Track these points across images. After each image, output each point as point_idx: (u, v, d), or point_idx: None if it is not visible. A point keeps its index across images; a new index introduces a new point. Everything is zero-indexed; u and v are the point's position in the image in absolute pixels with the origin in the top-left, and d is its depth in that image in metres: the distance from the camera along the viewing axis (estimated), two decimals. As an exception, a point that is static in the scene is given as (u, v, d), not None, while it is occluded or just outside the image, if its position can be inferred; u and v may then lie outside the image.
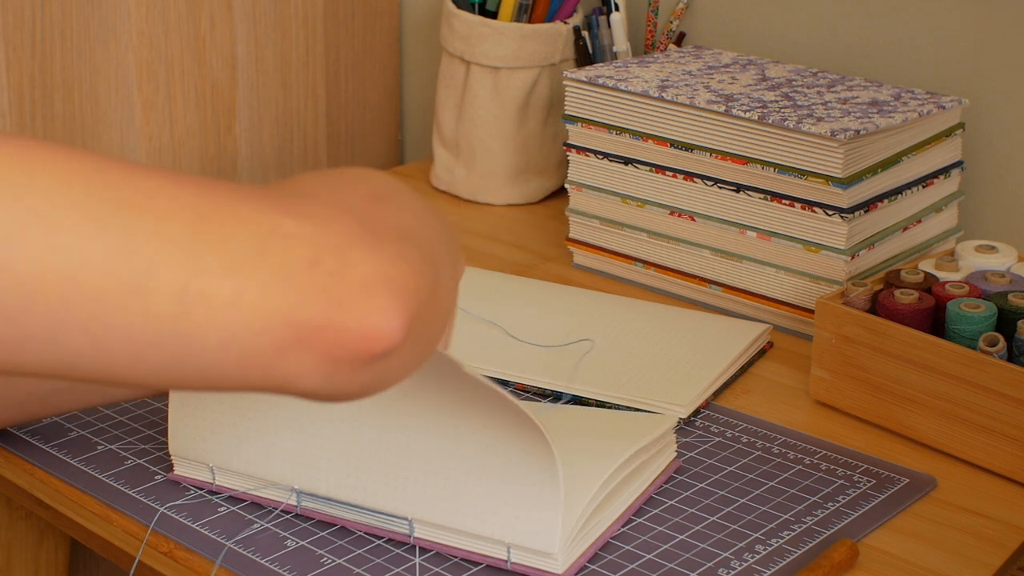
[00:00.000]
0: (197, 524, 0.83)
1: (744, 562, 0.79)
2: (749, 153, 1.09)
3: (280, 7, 1.40)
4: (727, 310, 1.14)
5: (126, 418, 0.95)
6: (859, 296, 0.97)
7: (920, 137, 1.11)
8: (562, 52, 1.36)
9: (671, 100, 1.12)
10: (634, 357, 1.01)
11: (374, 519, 0.80)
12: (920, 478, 0.88)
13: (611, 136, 1.18)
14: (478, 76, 1.35)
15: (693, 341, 1.03)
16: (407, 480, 0.78)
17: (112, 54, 1.28)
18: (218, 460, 0.84)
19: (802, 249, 1.08)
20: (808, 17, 1.28)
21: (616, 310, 1.09)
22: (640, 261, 1.19)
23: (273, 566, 0.78)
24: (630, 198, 1.18)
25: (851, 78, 1.19)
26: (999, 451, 0.89)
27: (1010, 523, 0.84)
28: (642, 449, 0.83)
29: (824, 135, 1.04)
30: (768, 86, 1.15)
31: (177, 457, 0.86)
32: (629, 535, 0.82)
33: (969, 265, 1.02)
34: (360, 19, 1.49)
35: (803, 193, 1.07)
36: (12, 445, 0.92)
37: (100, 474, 0.88)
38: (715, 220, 1.13)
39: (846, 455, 0.91)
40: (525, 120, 1.36)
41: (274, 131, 1.43)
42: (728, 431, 0.94)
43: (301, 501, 0.82)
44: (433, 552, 0.79)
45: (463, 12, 1.35)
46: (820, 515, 0.84)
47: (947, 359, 0.90)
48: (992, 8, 1.17)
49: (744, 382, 1.01)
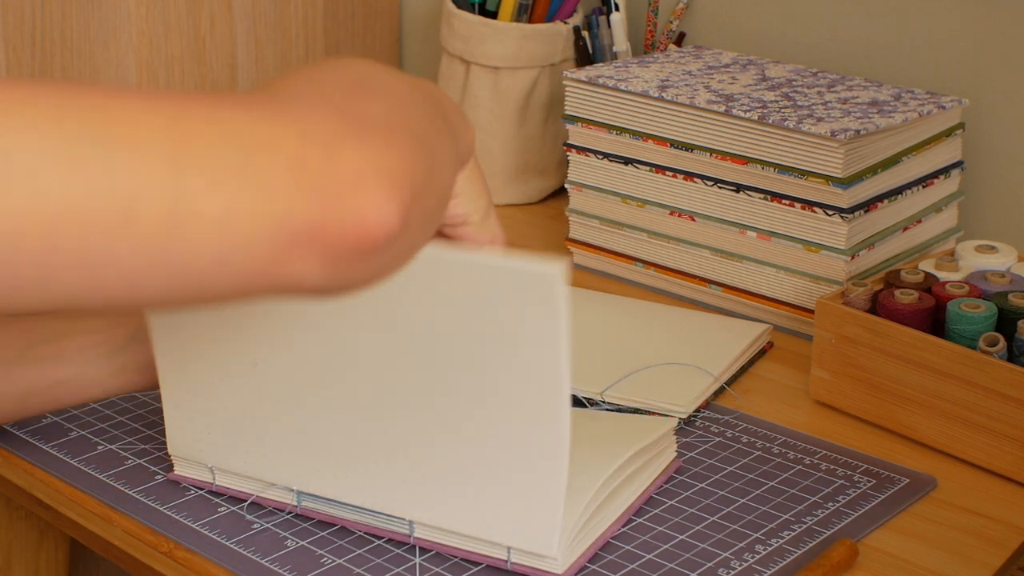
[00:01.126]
0: (197, 524, 0.83)
1: (744, 562, 0.79)
2: (749, 153, 1.09)
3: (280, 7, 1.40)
4: (727, 310, 1.14)
5: (126, 418, 0.95)
6: (859, 296, 0.97)
7: (920, 137, 1.11)
8: (562, 52, 1.36)
9: (671, 100, 1.12)
10: (634, 357, 1.01)
11: (374, 519, 0.80)
12: (920, 478, 0.88)
13: (611, 136, 1.18)
14: (478, 76, 1.35)
15: (693, 341, 1.03)
16: (407, 481, 0.78)
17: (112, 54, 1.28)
18: (217, 461, 0.84)
19: (802, 249, 1.08)
20: (808, 17, 1.28)
21: (616, 310, 1.09)
22: (640, 261, 1.19)
23: (273, 566, 0.78)
24: (630, 198, 1.18)
25: (851, 78, 1.19)
26: (999, 451, 0.89)
27: (1010, 523, 0.84)
28: (642, 451, 0.83)
29: (824, 135, 1.04)
30: (768, 86, 1.15)
31: (177, 457, 0.86)
32: (629, 535, 0.82)
33: (969, 265, 1.02)
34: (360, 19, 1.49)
35: (803, 193, 1.07)
36: (12, 445, 0.92)
37: (100, 474, 0.88)
38: (715, 220, 1.13)
39: (846, 455, 0.91)
40: (525, 120, 1.36)
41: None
42: (728, 431, 0.94)
43: (301, 501, 0.82)
44: (433, 552, 0.79)
45: (463, 12, 1.35)
46: (820, 515, 0.84)
47: (947, 359, 0.90)
48: (992, 8, 1.17)
49: (744, 382, 1.01)
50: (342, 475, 0.80)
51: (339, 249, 0.55)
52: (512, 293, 0.70)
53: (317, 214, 0.54)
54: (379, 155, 0.56)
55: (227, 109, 0.55)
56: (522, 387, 0.72)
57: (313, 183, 0.54)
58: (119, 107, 0.53)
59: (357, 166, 0.55)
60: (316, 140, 0.55)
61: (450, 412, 0.76)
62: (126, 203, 0.51)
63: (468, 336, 0.73)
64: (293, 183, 0.54)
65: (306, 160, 0.54)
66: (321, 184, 0.54)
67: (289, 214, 0.53)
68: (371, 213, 0.55)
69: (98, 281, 0.52)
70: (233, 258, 0.53)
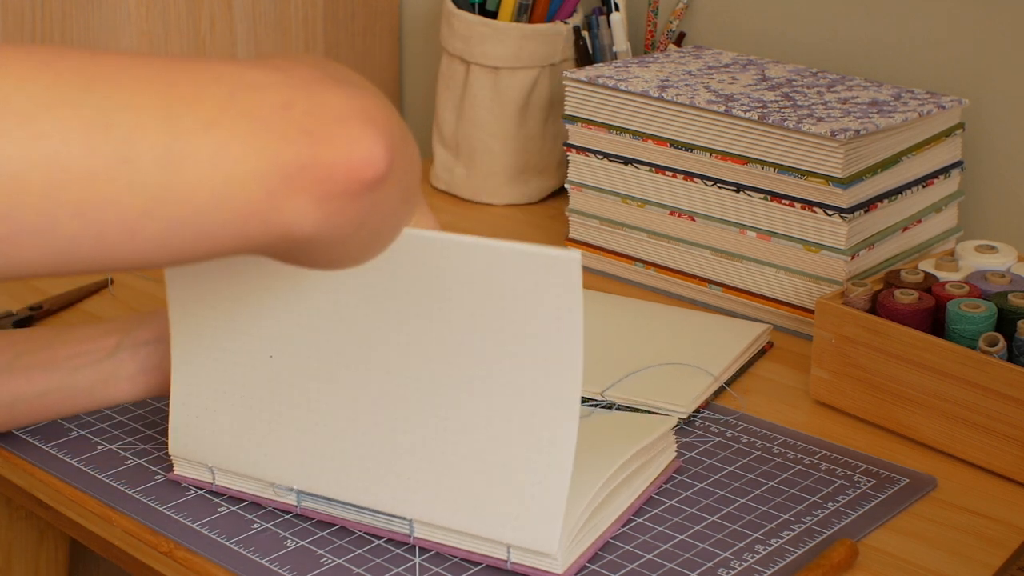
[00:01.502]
0: (197, 524, 0.83)
1: (744, 562, 0.79)
2: (749, 153, 1.09)
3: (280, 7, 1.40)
4: (727, 310, 1.14)
5: (126, 418, 0.95)
6: (859, 296, 0.97)
7: (920, 137, 1.11)
8: (562, 52, 1.36)
9: (671, 100, 1.12)
10: (634, 357, 1.01)
11: (374, 519, 0.80)
12: (920, 478, 0.88)
13: (611, 136, 1.18)
14: (478, 76, 1.35)
15: (693, 341, 1.03)
16: (408, 479, 0.78)
17: (112, 54, 1.28)
18: (218, 461, 0.84)
19: (802, 249, 1.08)
20: (808, 17, 1.28)
21: (616, 310, 1.09)
22: (640, 261, 1.19)
23: (273, 566, 0.78)
24: (630, 198, 1.18)
25: (851, 78, 1.19)
26: (999, 451, 0.89)
27: (1010, 523, 0.84)
28: (642, 450, 0.83)
29: (824, 135, 1.04)
30: (768, 86, 1.15)
31: (177, 457, 0.86)
32: (629, 535, 0.82)
33: (969, 265, 1.02)
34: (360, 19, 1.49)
35: (803, 193, 1.07)
36: (12, 445, 0.92)
37: (100, 474, 0.88)
38: (715, 220, 1.13)
39: (846, 455, 0.91)
40: (525, 120, 1.36)
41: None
42: (728, 431, 0.94)
43: (301, 501, 0.82)
44: (433, 552, 0.79)
45: (463, 12, 1.35)
46: (820, 515, 0.84)
47: (947, 359, 0.90)
48: (992, 8, 1.17)
49: (744, 382, 1.01)
50: (345, 471, 0.80)
51: (331, 187, 0.56)
52: (530, 278, 0.71)
53: (307, 152, 0.56)
54: (361, 99, 0.58)
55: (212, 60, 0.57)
56: (536, 374, 0.73)
57: (301, 123, 0.56)
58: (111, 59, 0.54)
59: (341, 107, 0.57)
60: (299, 84, 0.57)
61: (461, 405, 0.76)
62: (122, 143, 0.52)
63: (483, 325, 0.74)
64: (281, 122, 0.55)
65: (292, 101, 0.56)
66: (308, 124, 0.56)
67: (280, 153, 0.55)
68: (360, 150, 0.57)
69: (97, 228, 0.53)
70: (228, 198, 0.54)
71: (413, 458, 0.78)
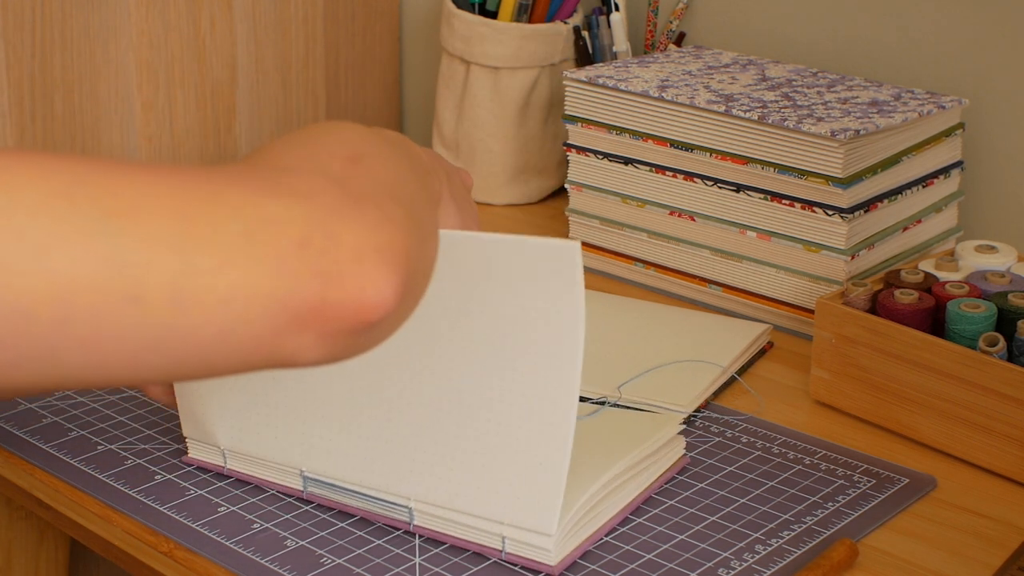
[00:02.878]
0: (197, 524, 0.83)
1: (744, 562, 0.79)
2: (749, 153, 1.09)
3: (280, 7, 1.40)
4: (727, 310, 1.14)
5: (126, 418, 0.95)
6: (859, 296, 0.97)
7: (920, 137, 1.11)
8: (562, 52, 1.36)
9: (671, 100, 1.12)
10: (634, 357, 1.01)
11: (376, 506, 0.81)
12: (920, 478, 0.88)
13: (611, 136, 1.18)
14: (478, 76, 1.35)
15: (693, 341, 1.03)
16: (411, 462, 0.79)
17: (112, 54, 1.28)
18: (229, 443, 0.85)
19: (802, 249, 1.08)
20: (808, 17, 1.28)
21: (616, 310, 1.09)
22: (640, 261, 1.19)
23: (273, 566, 0.79)
24: (630, 198, 1.18)
25: (851, 78, 1.19)
26: (999, 451, 0.89)
27: (1010, 523, 0.84)
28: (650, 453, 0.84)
29: (824, 135, 1.04)
30: (768, 86, 1.15)
31: (191, 440, 0.87)
32: (629, 535, 0.82)
33: (969, 265, 1.02)
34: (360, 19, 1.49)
35: (803, 193, 1.07)
36: (12, 445, 0.92)
37: (100, 474, 0.88)
38: (715, 220, 1.13)
39: (846, 455, 0.91)
40: (525, 120, 1.36)
41: (274, 131, 1.43)
42: (728, 431, 0.94)
43: (307, 486, 0.83)
44: (433, 552, 0.79)
45: (463, 12, 1.35)
46: (820, 515, 0.84)
47: (947, 359, 0.90)
48: (992, 8, 1.17)
49: (744, 382, 1.01)
50: (349, 453, 0.81)
51: (337, 326, 0.56)
52: (532, 266, 0.72)
53: (317, 294, 0.55)
54: (378, 232, 0.57)
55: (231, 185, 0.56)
56: (538, 361, 0.74)
57: (315, 263, 0.55)
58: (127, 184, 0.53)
59: (357, 243, 0.56)
60: (318, 218, 0.56)
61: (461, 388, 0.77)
62: (135, 281, 0.52)
63: (485, 312, 0.75)
64: (296, 263, 0.55)
65: (309, 239, 0.55)
66: (323, 264, 0.55)
67: (291, 294, 0.55)
68: (370, 292, 0.56)
69: (101, 359, 0.53)
70: (234, 335, 0.54)
71: (416, 441, 0.79)
